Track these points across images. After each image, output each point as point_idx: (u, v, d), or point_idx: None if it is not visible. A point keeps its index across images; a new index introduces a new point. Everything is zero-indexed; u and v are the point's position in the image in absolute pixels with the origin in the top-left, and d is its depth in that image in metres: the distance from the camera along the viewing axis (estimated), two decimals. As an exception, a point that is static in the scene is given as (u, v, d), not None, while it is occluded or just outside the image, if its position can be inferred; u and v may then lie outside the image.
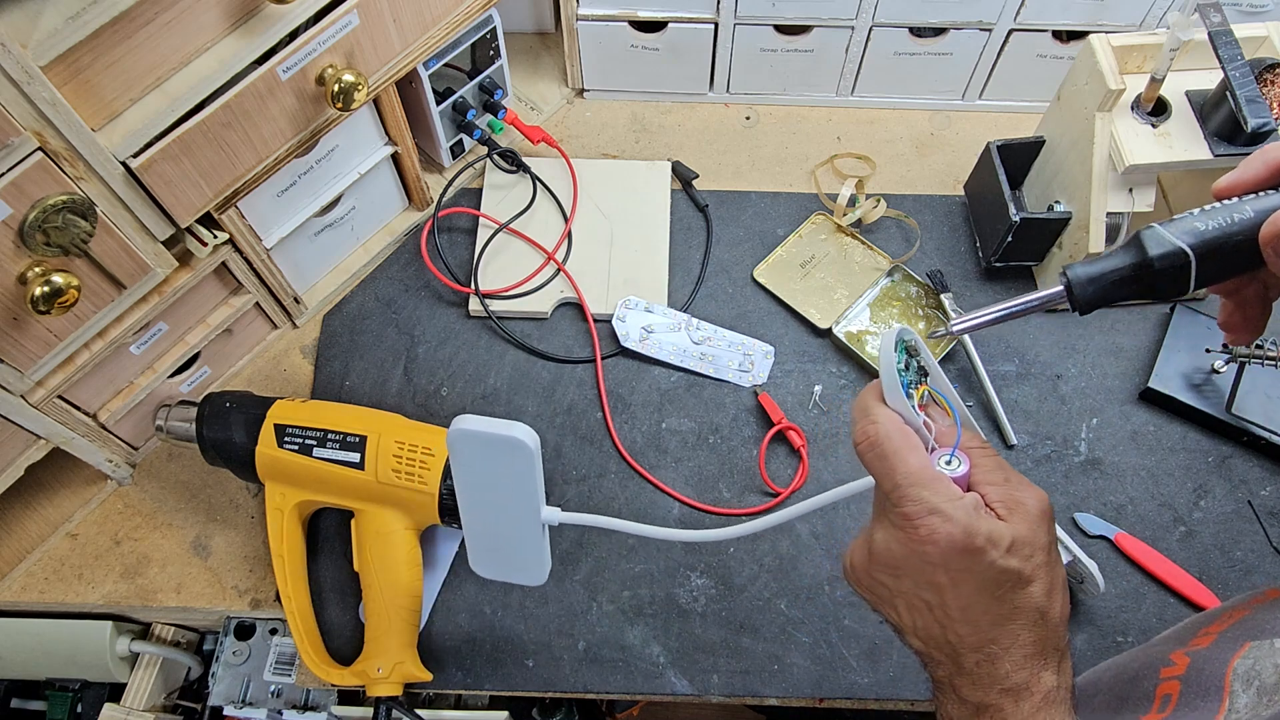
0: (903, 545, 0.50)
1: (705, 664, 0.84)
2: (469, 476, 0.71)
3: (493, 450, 0.68)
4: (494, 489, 0.71)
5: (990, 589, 0.49)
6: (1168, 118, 0.86)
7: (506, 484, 0.70)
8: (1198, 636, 0.58)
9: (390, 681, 0.79)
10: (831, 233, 1.03)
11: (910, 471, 0.50)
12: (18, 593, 0.88)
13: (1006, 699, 0.50)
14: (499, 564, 0.76)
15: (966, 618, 0.50)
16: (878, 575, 0.53)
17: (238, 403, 0.83)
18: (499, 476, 0.70)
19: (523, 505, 0.71)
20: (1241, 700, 0.49)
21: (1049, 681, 0.50)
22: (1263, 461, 0.92)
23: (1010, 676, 0.50)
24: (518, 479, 0.69)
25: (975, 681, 0.50)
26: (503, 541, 0.75)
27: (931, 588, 0.50)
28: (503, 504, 0.72)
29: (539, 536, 0.72)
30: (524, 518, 0.71)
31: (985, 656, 0.50)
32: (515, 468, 0.68)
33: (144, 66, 0.66)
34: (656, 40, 1.04)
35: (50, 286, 0.65)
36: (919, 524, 0.49)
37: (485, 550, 0.76)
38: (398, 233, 1.03)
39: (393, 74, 0.84)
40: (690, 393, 0.95)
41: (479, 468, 0.70)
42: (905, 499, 0.50)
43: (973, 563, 0.49)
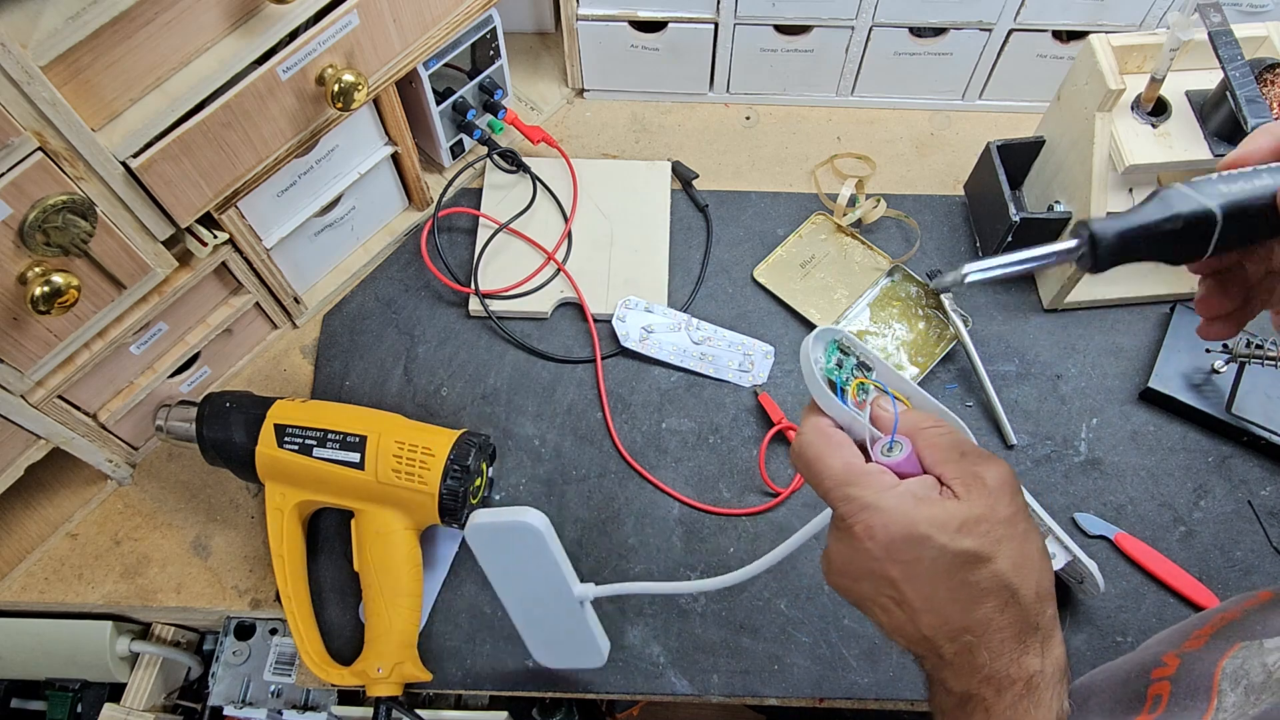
0: (848, 547, 0.50)
1: (705, 664, 0.84)
2: (497, 569, 0.75)
3: (508, 539, 0.72)
4: (523, 577, 0.75)
5: (945, 574, 0.48)
6: (1168, 118, 0.86)
7: (532, 569, 0.74)
8: (1190, 639, 0.58)
9: (390, 681, 0.79)
10: (831, 233, 1.03)
11: (835, 473, 0.50)
12: (18, 593, 0.88)
13: (988, 688, 0.48)
14: (557, 650, 0.80)
15: (931, 607, 0.49)
16: (841, 582, 0.53)
17: (238, 403, 0.83)
18: (523, 563, 0.73)
19: (554, 587, 0.74)
20: (1229, 699, 0.50)
21: (1032, 665, 0.49)
22: (1263, 461, 0.92)
23: (990, 664, 0.48)
24: (538, 562, 0.73)
25: (957, 672, 0.49)
26: (552, 627, 0.78)
27: (888, 584, 0.49)
28: (536, 590, 0.75)
29: (582, 615, 0.75)
30: (560, 599, 0.75)
31: (962, 646, 0.49)
32: (533, 551, 0.72)
33: (144, 66, 0.66)
34: (656, 40, 1.04)
35: (50, 286, 0.65)
36: (853, 523, 0.49)
37: (540, 640, 0.80)
38: (398, 233, 1.03)
39: (393, 74, 0.84)
40: (690, 393, 0.95)
41: (503, 559, 0.74)
42: (836, 500, 0.49)
43: (919, 550, 0.48)
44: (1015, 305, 1.00)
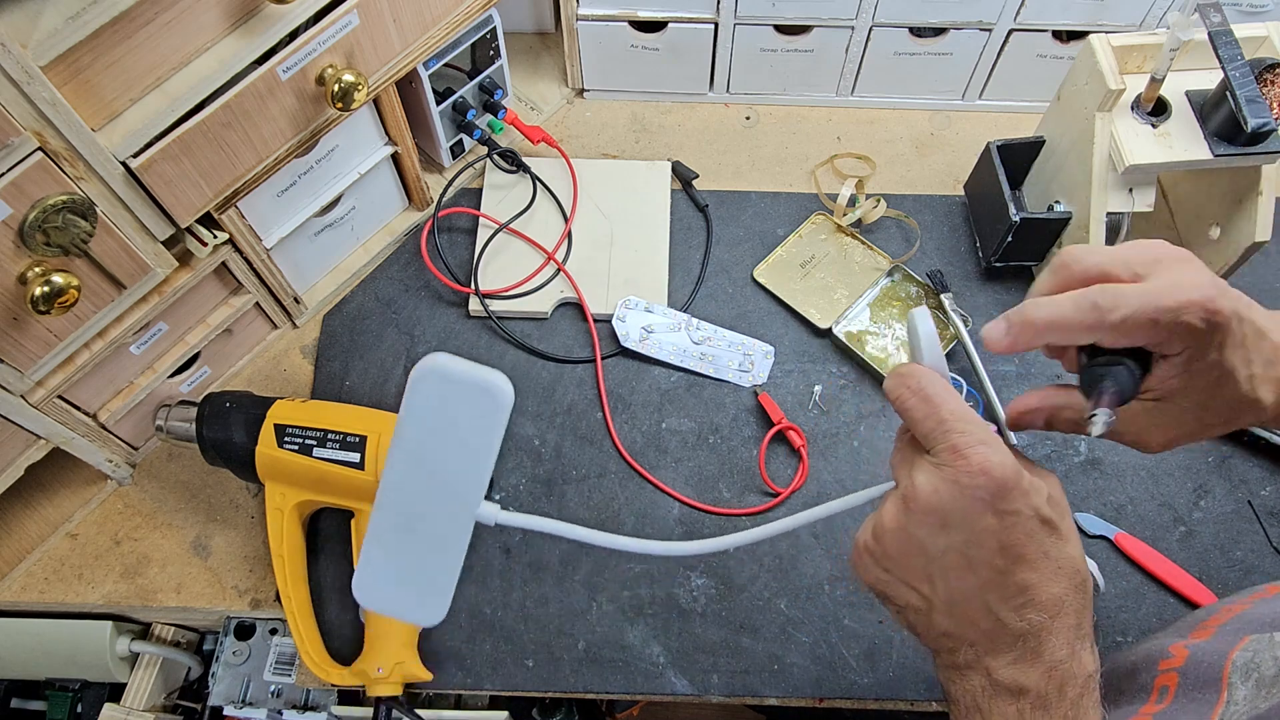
0: (950, 484, 0.47)
1: (705, 664, 0.84)
2: (411, 438, 0.57)
3: (459, 401, 0.56)
4: (435, 459, 0.57)
5: (1040, 536, 0.47)
6: (1168, 118, 0.86)
7: (453, 454, 0.57)
8: (1197, 630, 0.58)
9: (390, 681, 0.79)
10: (831, 233, 1.03)
11: (955, 409, 0.48)
12: (18, 593, 0.88)
13: (1050, 683, 0.47)
14: (393, 584, 0.60)
15: (1011, 574, 0.47)
16: (916, 533, 0.49)
17: (238, 403, 0.83)
18: (450, 441, 0.56)
19: (461, 489, 0.57)
20: (1240, 692, 0.49)
21: (1089, 664, 0.48)
22: (1263, 461, 0.92)
23: (1055, 653, 0.47)
24: (468, 447, 0.56)
25: (1019, 658, 0.47)
26: (412, 548, 0.59)
27: (982, 535, 0.47)
28: (437, 487, 0.58)
29: (459, 544, 0.58)
30: (455, 510, 0.58)
31: (1032, 626, 0.47)
32: (475, 430, 0.56)
33: (144, 66, 0.66)
34: (656, 40, 1.04)
35: (50, 286, 0.65)
36: (969, 453, 0.47)
37: (384, 562, 0.59)
38: (398, 233, 1.03)
39: (393, 74, 0.84)
40: (690, 393, 0.95)
41: (431, 423, 0.56)
42: (953, 430, 0.47)
43: (1021, 503, 0.46)
44: (1015, 305, 0.99)
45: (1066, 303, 0.49)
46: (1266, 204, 0.87)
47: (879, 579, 0.52)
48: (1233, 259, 0.92)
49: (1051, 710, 0.47)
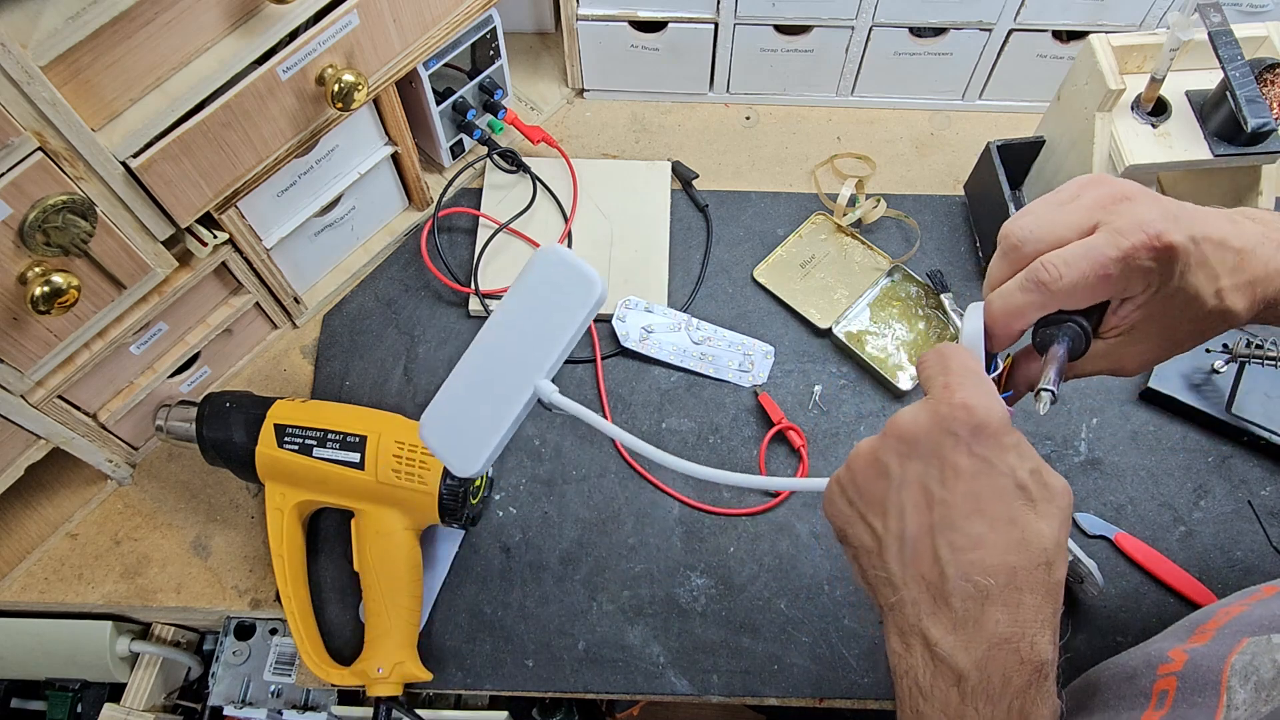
0: (930, 412, 0.46)
1: (705, 664, 0.84)
2: (513, 306, 0.68)
3: (563, 283, 0.65)
4: (524, 329, 0.67)
5: (1010, 497, 0.45)
6: (1168, 118, 0.86)
7: (540, 328, 0.66)
8: (1195, 634, 0.58)
9: (390, 681, 0.79)
10: (831, 233, 1.03)
11: (966, 363, 0.48)
12: (18, 593, 0.88)
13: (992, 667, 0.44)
14: (449, 430, 0.68)
15: (971, 526, 0.45)
16: (884, 458, 0.48)
17: (238, 403, 0.83)
18: (540, 315, 0.66)
19: (533, 361, 0.65)
20: (1239, 696, 0.49)
21: (1043, 652, 0.44)
22: (1263, 461, 0.92)
23: (998, 628, 0.44)
24: (555, 324, 0.65)
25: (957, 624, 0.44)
26: (475, 403, 0.68)
27: (947, 472, 0.45)
28: (514, 353, 0.67)
29: (514, 410, 0.65)
30: (521, 377, 0.65)
31: (976, 590, 0.44)
32: (567, 308, 0.65)
33: (144, 66, 0.66)
34: (656, 40, 1.04)
35: (50, 286, 0.65)
36: (957, 388, 0.46)
37: (449, 408, 0.69)
38: (398, 233, 1.03)
39: (393, 74, 0.84)
40: (690, 393, 0.95)
41: (532, 296, 0.67)
42: (952, 373, 0.47)
43: (997, 455, 0.45)
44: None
45: (1014, 290, 0.49)
46: (1266, 204, 0.88)
47: (841, 513, 0.51)
48: (1233, 259, 0.91)
49: (996, 699, 0.44)
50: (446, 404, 0.70)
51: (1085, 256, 0.47)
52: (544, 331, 0.66)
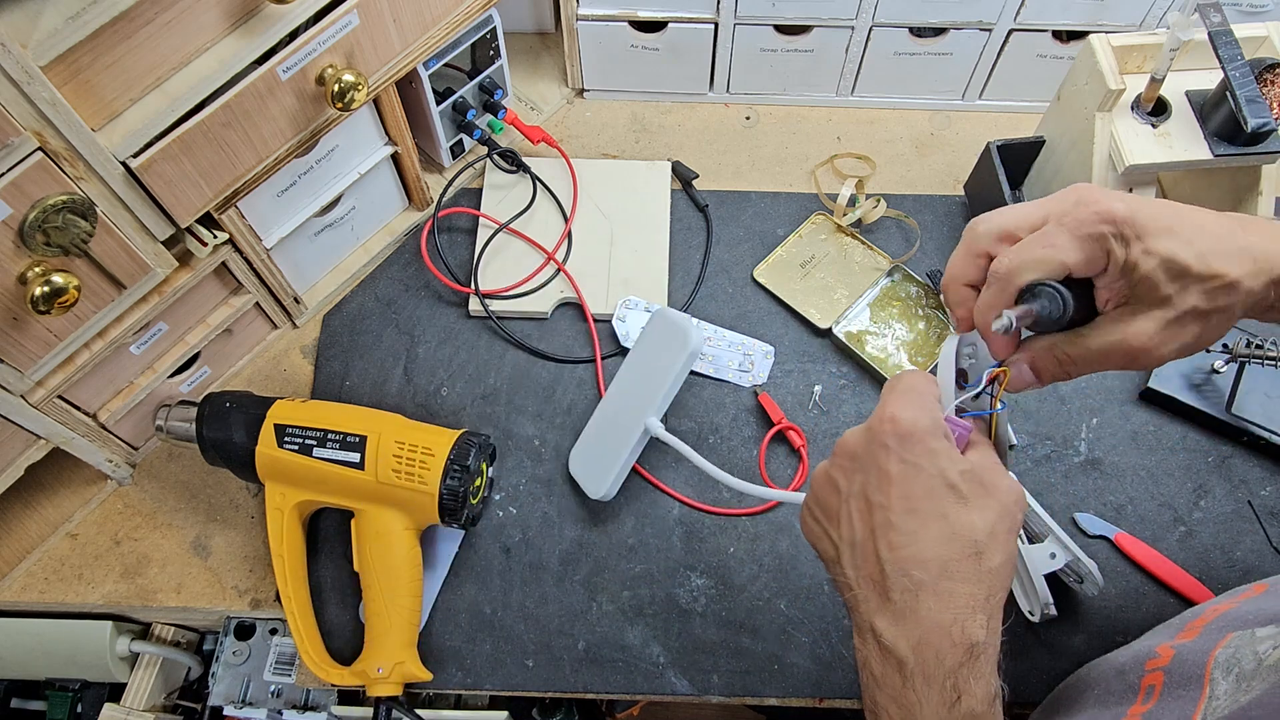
0: (865, 430, 0.53)
1: (705, 664, 0.84)
2: (636, 359, 0.88)
3: (670, 338, 0.84)
4: (641, 377, 0.86)
5: (940, 495, 0.50)
6: (1168, 118, 0.86)
7: (652, 374, 0.84)
8: (1184, 630, 0.58)
9: (390, 681, 0.79)
10: (831, 233, 1.03)
11: (912, 383, 0.53)
12: (18, 593, 0.88)
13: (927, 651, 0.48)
14: (588, 462, 0.88)
15: (905, 524, 0.50)
16: (834, 474, 0.54)
17: (238, 403, 0.83)
18: (653, 364, 0.85)
19: (646, 400, 0.84)
20: (1221, 687, 0.49)
21: (976, 635, 0.48)
22: (1263, 461, 0.92)
23: (934, 615, 0.48)
24: (663, 369, 0.83)
25: (897, 616, 0.49)
26: (605, 439, 0.87)
27: (882, 479, 0.51)
28: (634, 396, 0.85)
29: (631, 442, 0.84)
30: (637, 415, 0.84)
31: (911, 582, 0.49)
32: (672, 356, 0.83)
33: (144, 66, 0.66)
34: (656, 40, 1.04)
35: (50, 286, 0.65)
36: (889, 405, 0.52)
37: (590, 445, 0.89)
38: (398, 233, 1.03)
39: (393, 74, 0.84)
40: (690, 393, 0.95)
41: (648, 350, 0.87)
42: (894, 392, 0.53)
43: (925, 458, 0.50)
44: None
45: (985, 293, 0.54)
46: (1266, 204, 0.88)
47: (811, 530, 0.57)
48: (1233, 259, 0.91)
49: (931, 678, 0.48)
50: (587, 443, 0.90)
51: (1038, 246, 0.51)
52: (652, 377, 0.85)
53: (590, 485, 0.87)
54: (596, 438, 0.89)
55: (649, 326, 0.89)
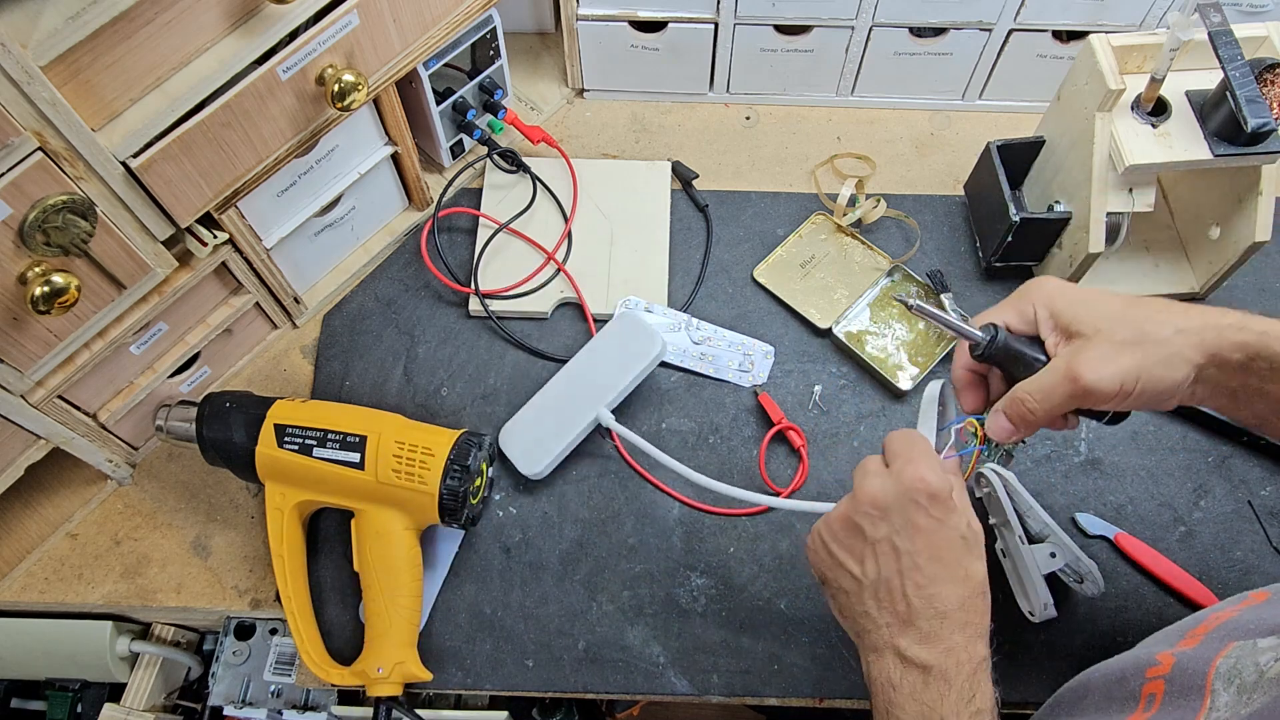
0: (895, 483, 0.61)
1: (705, 664, 0.84)
2: (596, 348, 0.92)
3: (634, 338, 0.90)
4: (598, 368, 0.90)
5: (957, 546, 0.60)
6: (1168, 118, 0.86)
7: (610, 369, 0.89)
8: (1185, 638, 0.58)
9: (390, 681, 0.79)
10: (831, 233, 1.03)
11: (922, 445, 0.63)
12: (18, 593, 0.88)
13: (949, 659, 0.58)
14: (523, 438, 0.90)
15: (930, 569, 0.59)
16: (859, 521, 0.62)
17: (238, 403, 0.83)
18: (612, 360, 0.90)
19: (599, 393, 0.88)
20: (1222, 699, 0.50)
21: (981, 651, 0.59)
22: (1263, 461, 0.92)
23: (952, 637, 0.58)
24: (621, 368, 0.88)
25: (923, 638, 0.59)
26: (548, 420, 0.90)
27: (910, 530, 0.60)
28: (588, 385, 0.89)
29: (576, 429, 0.88)
30: (588, 405, 0.88)
31: (936, 613, 0.59)
32: (633, 357, 0.89)
33: (144, 66, 0.66)
34: (656, 40, 1.04)
35: (50, 286, 0.65)
36: (916, 464, 0.60)
37: (529, 422, 0.91)
38: (398, 233, 1.03)
39: (393, 74, 0.84)
40: (690, 393, 0.95)
41: (610, 344, 0.91)
42: (916, 451, 0.61)
43: (947, 516, 0.60)
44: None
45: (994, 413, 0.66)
46: (1266, 204, 0.87)
47: (824, 561, 0.65)
48: (1233, 259, 0.92)
49: (951, 681, 0.58)
50: (525, 421, 0.92)
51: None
52: (612, 373, 0.89)
53: (524, 462, 0.89)
54: (537, 418, 0.91)
55: (615, 325, 0.92)
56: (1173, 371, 0.59)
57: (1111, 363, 0.59)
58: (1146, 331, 0.60)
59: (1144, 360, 0.59)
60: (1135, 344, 0.60)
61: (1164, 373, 0.59)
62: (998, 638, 0.62)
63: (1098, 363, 0.59)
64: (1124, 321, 0.61)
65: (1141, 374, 0.59)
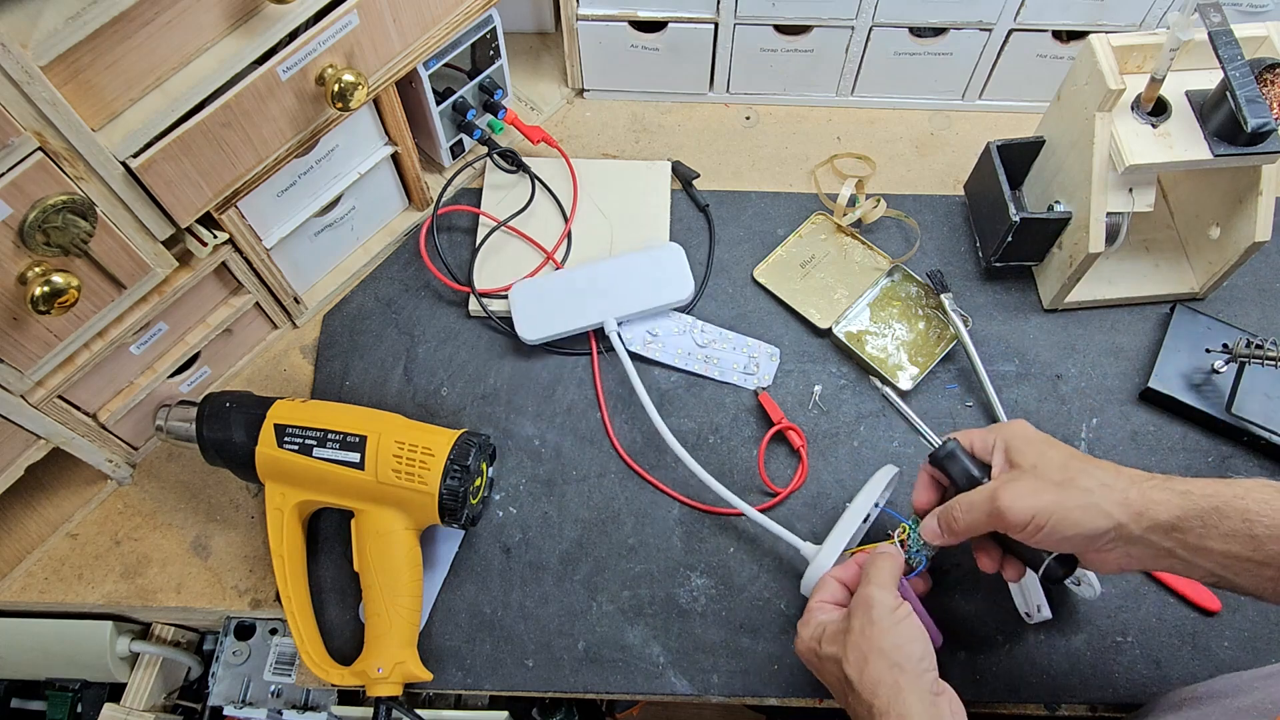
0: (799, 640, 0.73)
1: (705, 664, 0.84)
2: (631, 263, 0.97)
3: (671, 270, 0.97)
4: (627, 281, 0.96)
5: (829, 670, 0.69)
6: (1168, 118, 0.86)
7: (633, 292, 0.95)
8: None
9: (390, 681, 0.79)
10: (831, 233, 1.03)
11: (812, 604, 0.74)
12: (18, 593, 0.88)
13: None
14: (533, 304, 0.95)
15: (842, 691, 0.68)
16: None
17: (238, 403, 0.83)
18: (643, 281, 0.95)
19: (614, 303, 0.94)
20: None
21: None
22: (1263, 461, 0.92)
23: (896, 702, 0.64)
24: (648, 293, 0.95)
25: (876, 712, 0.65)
26: (560, 301, 0.95)
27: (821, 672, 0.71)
28: (606, 293, 0.95)
29: (581, 321, 0.94)
30: (600, 308, 0.93)
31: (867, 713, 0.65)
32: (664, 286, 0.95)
33: (144, 66, 0.66)
34: (656, 40, 1.04)
35: (50, 286, 0.65)
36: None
37: (540, 293, 0.96)
38: (398, 233, 1.03)
39: (393, 74, 0.84)
40: (690, 393, 0.95)
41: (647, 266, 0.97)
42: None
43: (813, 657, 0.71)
44: (1015, 305, 1.00)
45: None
46: (1266, 204, 0.87)
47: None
48: (1233, 259, 0.92)
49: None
50: (539, 285, 0.96)
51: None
52: (636, 291, 0.95)
53: (524, 324, 0.94)
54: (550, 293, 0.95)
55: (661, 252, 0.97)
56: (1090, 519, 0.64)
57: (1031, 496, 0.65)
58: (1074, 479, 0.65)
59: (1062, 502, 0.64)
60: (1059, 486, 0.65)
61: (1080, 518, 0.64)
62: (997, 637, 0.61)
63: (1018, 492, 0.65)
64: (1058, 467, 0.67)
65: (1055, 513, 0.64)
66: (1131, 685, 0.83)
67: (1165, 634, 0.84)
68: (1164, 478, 0.65)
